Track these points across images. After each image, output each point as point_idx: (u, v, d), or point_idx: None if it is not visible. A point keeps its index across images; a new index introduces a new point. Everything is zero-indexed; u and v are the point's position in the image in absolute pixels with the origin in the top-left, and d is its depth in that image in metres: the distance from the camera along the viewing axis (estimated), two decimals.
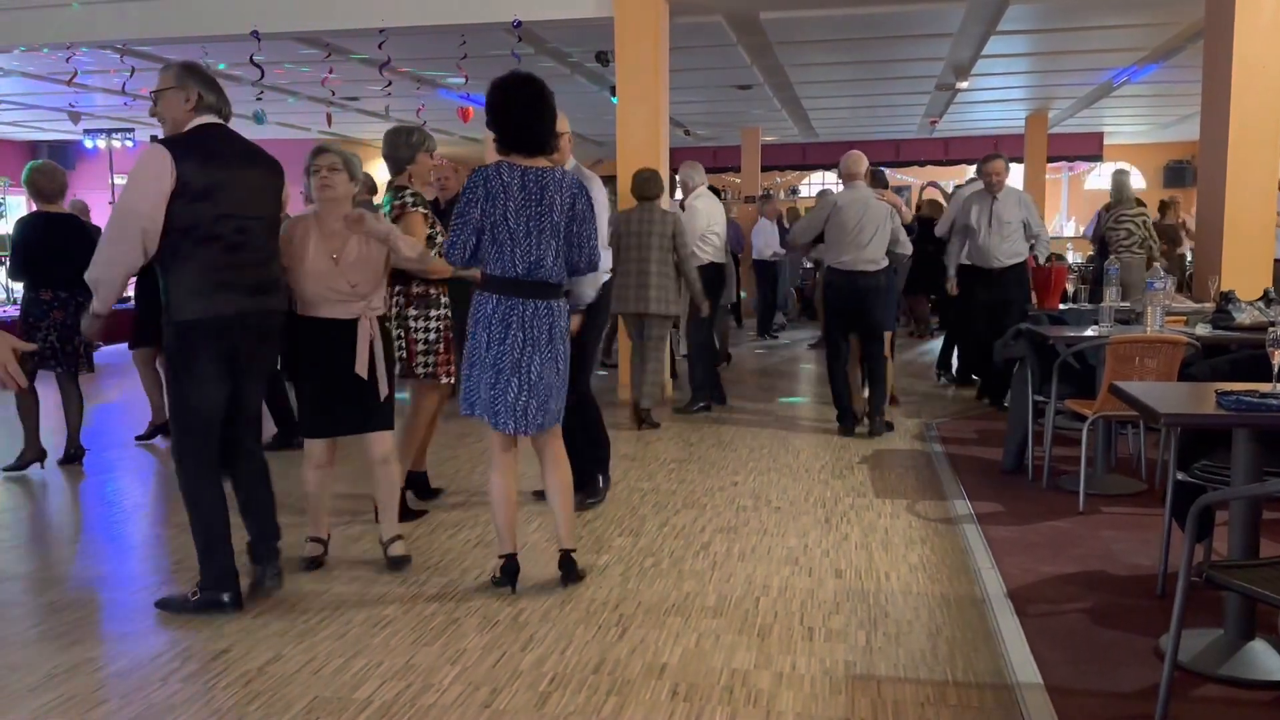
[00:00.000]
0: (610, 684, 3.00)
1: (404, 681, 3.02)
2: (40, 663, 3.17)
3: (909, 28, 9.16)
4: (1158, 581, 3.68)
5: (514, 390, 3.57)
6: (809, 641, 3.29)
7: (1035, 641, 3.24)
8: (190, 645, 3.30)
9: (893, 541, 4.33)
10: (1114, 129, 17.69)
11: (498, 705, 2.87)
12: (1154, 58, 10.82)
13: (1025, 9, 8.59)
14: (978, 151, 18.04)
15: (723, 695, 2.92)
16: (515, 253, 3.53)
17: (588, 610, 3.60)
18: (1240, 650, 3.01)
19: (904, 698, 2.89)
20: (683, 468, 5.74)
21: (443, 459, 5.97)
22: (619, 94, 7.92)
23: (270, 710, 2.85)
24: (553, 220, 3.57)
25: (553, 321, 3.63)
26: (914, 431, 6.68)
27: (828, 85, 12.43)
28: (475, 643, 3.31)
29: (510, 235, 3.52)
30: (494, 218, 3.51)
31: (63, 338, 5.83)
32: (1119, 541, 4.28)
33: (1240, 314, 5.29)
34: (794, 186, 21.27)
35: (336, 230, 3.88)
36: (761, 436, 6.60)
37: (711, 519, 4.71)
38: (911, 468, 5.67)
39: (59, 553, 4.45)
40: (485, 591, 3.79)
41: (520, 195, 3.52)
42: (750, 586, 3.81)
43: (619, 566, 4.07)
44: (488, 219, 3.52)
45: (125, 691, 2.97)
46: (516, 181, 3.53)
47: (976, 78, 11.61)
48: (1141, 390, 3.23)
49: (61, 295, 5.79)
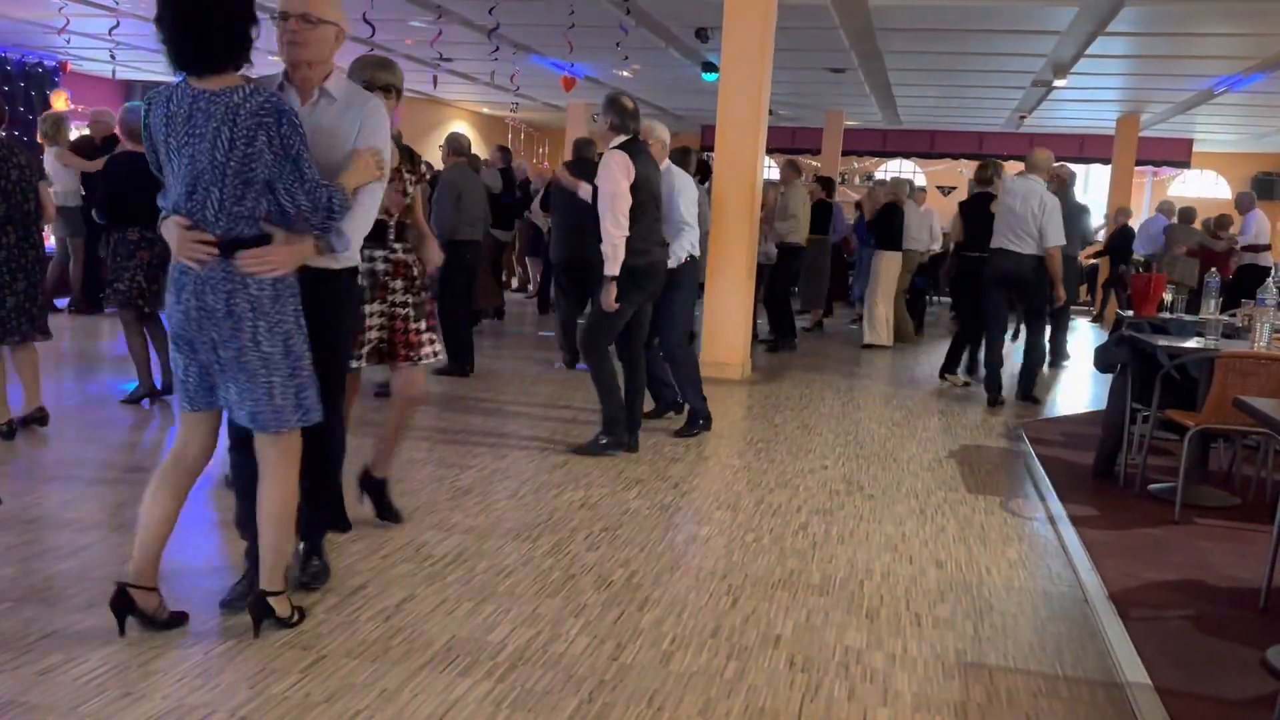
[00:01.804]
0: (729, 649, 3.13)
1: (533, 629, 3.18)
2: (186, 590, 3.38)
3: (1017, 23, 9.09)
4: (1261, 595, 3.73)
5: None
6: (917, 627, 3.39)
7: (1140, 644, 3.30)
8: (330, 580, 3.48)
9: (990, 537, 4.40)
10: (1204, 136, 17.35)
11: (624, 659, 3.02)
12: (1260, 68, 10.61)
13: (1138, 11, 8.48)
14: (1062, 149, 17.91)
15: (839, 670, 3.04)
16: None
17: (697, 578, 3.73)
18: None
19: (1016, 687, 2.99)
20: (770, 447, 5.85)
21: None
22: (723, 71, 7.96)
23: (412, 646, 3.03)
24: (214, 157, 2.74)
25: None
26: (999, 430, 6.71)
27: (921, 74, 12.36)
28: (594, 599, 3.46)
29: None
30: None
31: (149, 277, 5.83)
32: (1216, 553, 4.32)
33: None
34: (870, 173, 21.13)
35: None
36: (845, 423, 6.68)
37: (806, 500, 4.82)
38: (1001, 465, 5.72)
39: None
40: (596, 550, 3.94)
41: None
42: (853, 569, 3.92)
43: (721, 539, 4.20)
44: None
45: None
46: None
47: (1074, 76, 11.46)
48: (1271, 407, 3.27)
49: (148, 235, 5.72)
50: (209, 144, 2.73)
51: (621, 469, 5.17)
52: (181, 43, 2.73)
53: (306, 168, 2.80)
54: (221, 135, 2.72)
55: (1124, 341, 5.39)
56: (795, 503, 4.77)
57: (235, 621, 3.10)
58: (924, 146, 18.98)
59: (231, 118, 2.71)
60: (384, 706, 2.68)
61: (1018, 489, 5.23)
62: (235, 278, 2.79)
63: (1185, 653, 3.28)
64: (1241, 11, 8.34)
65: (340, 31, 3.08)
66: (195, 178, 2.76)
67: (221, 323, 2.80)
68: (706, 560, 3.93)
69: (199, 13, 2.71)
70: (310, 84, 3.07)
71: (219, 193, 2.76)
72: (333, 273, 3.12)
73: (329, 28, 3.02)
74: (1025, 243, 7.13)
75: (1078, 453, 6.01)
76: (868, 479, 5.27)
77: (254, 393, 2.85)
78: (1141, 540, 4.44)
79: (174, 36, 2.73)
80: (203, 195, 2.77)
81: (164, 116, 2.80)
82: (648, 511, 4.49)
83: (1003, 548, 4.26)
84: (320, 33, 3.00)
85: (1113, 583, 3.86)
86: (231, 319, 2.79)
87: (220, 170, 2.73)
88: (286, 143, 2.76)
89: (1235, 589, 3.90)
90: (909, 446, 6.08)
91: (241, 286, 2.80)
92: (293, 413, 2.91)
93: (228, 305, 2.79)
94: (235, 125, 2.71)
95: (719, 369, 7.88)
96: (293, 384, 2.90)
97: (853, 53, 11.09)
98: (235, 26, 2.75)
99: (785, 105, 16.08)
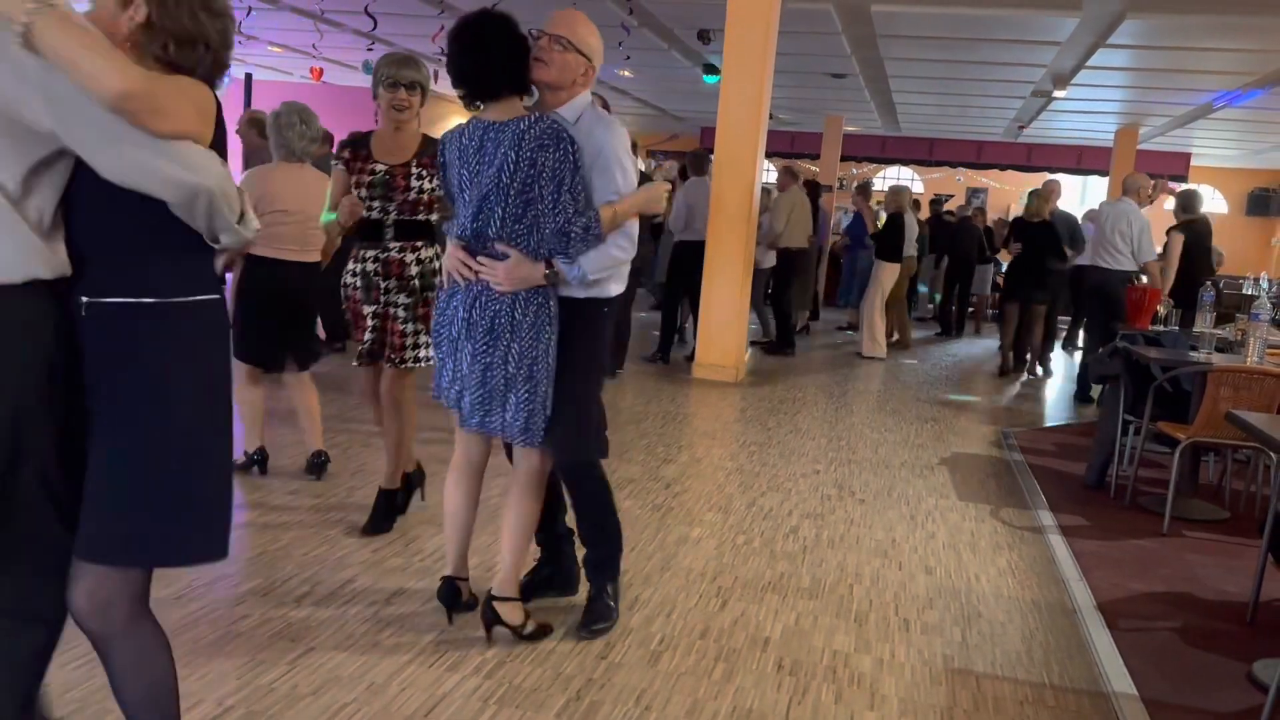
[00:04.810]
0: (718, 650, 3.14)
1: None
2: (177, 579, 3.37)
3: (1019, 32, 9.10)
4: (1249, 609, 3.74)
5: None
6: (906, 632, 3.40)
7: (1128, 654, 3.32)
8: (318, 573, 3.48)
9: (979, 544, 4.41)
10: (1202, 150, 17.40)
11: (613, 658, 3.02)
12: (1261, 83, 10.64)
13: (1140, 24, 8.50)
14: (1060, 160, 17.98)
15: (826, 674, 3.05)
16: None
17: (687, 579, 3.73)
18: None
19: (1003, 694, 3.00)
20: (763, 451, 5.85)
21: None
22: (724, 73, 7.96)
23: (401, 641, 3.02)
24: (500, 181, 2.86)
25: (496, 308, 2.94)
26: (990, 438, 6.73)
27: (922, 81, 12.36)
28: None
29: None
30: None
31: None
32: (1204, 566, 4.34)
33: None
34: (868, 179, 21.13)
35: None
36: (838, 428, 6.69)
37: (797, 504, 4.82)
38: (992, 474, 5.73)
39: None
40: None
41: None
42: (843, 573, 3.93)
43: (712, 541, 4.20)
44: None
45: (264, 609, 3.16)
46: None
47: (1074, 87, 11.49)
48: (1263, 421, 3.28)
49: None
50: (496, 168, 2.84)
51: (614, 469, 5.14)
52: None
53: (564, 191, 2.83)
54: (508, 159, 2.82)
55: (1117, 353, 5.41)
56: (787, 506, 4.77)
57: (227, 612, 3.10)
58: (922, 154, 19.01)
59: (517, 143, 2.81)
60: (371, 700, 2.68)
61: (1009, 498, 5.24)
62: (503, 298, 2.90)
63: (1172, 664, 3.30)
64: (1242, 27, 8.36)
65: (590, 66, 2.99)
66: (482, 199, 2.88)
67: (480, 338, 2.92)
68: (697, 562, 3.93)
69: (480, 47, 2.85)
70: (543, 108, 2.99)
71: (501, 211, 2.85)
72: (575, 301, 3.03)
73: (579, 57, 2.95)
74: (1116, 259, 7.85)
75: (1069, 463, 6.03)
76: (859, 484, 5.28)
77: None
78: (1131, 552, 4.46)
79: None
80: (487, 214, 2.88)
81: (457, 150, 2.95)
82: (639, 512, 4.49)
83: (992, 555, 4.27)
84: (564, 57, 2.93)
85: (1101, 593, 3.87)
86: (490, 335, 2.91)
87: (504, 191, 2.83)
88: (556, 168, 2.82)
89: (1223, 602, 3.91)
90: (901, 452, 6.08)
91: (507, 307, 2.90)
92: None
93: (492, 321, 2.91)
94: (520, 149, 2.81)
95: (713, 371, 7.89)
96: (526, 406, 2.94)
97: (854, 58, 11.11)
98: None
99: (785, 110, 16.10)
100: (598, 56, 3.02)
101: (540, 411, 2.94)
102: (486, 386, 2.92)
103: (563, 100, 2.98)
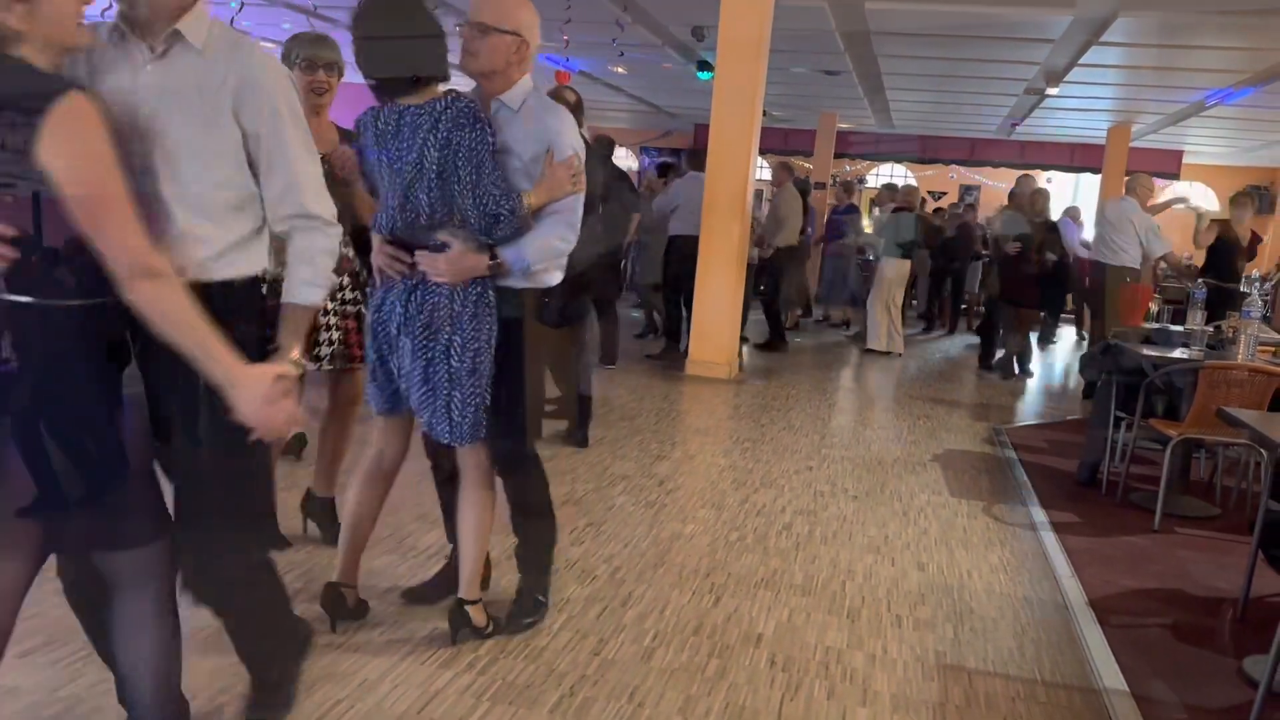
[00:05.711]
0: (711, 647, 3.14)
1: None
2: None
3: (1012, 30, 9.11)
4: (1239, 605, 3.76)
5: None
6: (898, 628, 3.41)
7: (1119, 651, 3.33)
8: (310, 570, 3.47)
9: (972, 541, 4.42)
10: (1195, 148, 17.44)
11: (606, 654, 3.03)
12: (1253, 81, 10.66)
13: (1133, 22, 8.51)
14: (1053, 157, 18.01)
15: (819, 670, 3.05)
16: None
17: (680, 575, 3.74)
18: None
19: (995, 691, 3.01)
20: (756, 447, 5.86)
21: None
22: (717, 70, 7.96)
23: (393, 637, 3.02)
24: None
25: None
26: (983, 435, 6.74)
27: (916, 79, 12.37)
28: (577, 594, 3.47)
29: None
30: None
31: None
32: (1195, 563, 4.35)
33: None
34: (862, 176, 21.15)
35: None
36: (832, 424, 6.70)
37: (790, 501, 4.83)
38: (985, 471, 5.74)
39: None
40: (580, 545, 3.94)
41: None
42: (835, 570, 3.93)
43: (705, 537, 4.20)
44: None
45: None
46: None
47: (1067, 84, 11.50)
48: (1254, 418, 3.29)
49: None
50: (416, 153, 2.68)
51: (608, 465, 5.17)
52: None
53: (485, 173, 2.67)
54: (428, 144, 2.66)
55: (1109, 350, 5.43)
56: (780, 503, 4.77)
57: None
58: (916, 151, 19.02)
59: (434, 125, 2.66)
60: (364, 697, 2.68)
61: (1001, 494, 5.25)
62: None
63: (1163, 660, 3.31)
64: (1234, 25, 8.37)
65: (523, 42, 2.79)
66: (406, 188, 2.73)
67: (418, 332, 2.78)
68: (690, 558, 3.93)
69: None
70: (485, 97, 2.83)
71: (427, 199, 2.71)
72: (514, 290, 2.88)
73: (503, 37, 2.77)
74: (1118, 255, 7.98)
75: (1061, 460, 6.04)
76: (852, 480, 5.28)
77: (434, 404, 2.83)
78: (1122, 548, 4.47)
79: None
80: (414, 206, 2.73)
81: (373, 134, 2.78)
82: (633, 508, 4.49)
83: (984, 552, 4.28)
84: (488, 42, 2.76)
85: (1093, 589, 3.89)
86: (428, 330, 2.76)
87: (427, 178, 2.68)
88: (473, 148, 2.66)
89: (1214, 598, 3.93)
90: (894, 449, 6.09)
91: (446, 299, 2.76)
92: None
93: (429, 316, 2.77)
94: (437, 131, 2.66)
95: (708, 368, 7.89)
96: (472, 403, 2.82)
97: (847, 56, 11.10)
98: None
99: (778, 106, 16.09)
100: (530, 30, 2.81)
101: (484, 405, 2.85)
102: (430, 383, 2.79)
103: (499, 87, 2.81)
